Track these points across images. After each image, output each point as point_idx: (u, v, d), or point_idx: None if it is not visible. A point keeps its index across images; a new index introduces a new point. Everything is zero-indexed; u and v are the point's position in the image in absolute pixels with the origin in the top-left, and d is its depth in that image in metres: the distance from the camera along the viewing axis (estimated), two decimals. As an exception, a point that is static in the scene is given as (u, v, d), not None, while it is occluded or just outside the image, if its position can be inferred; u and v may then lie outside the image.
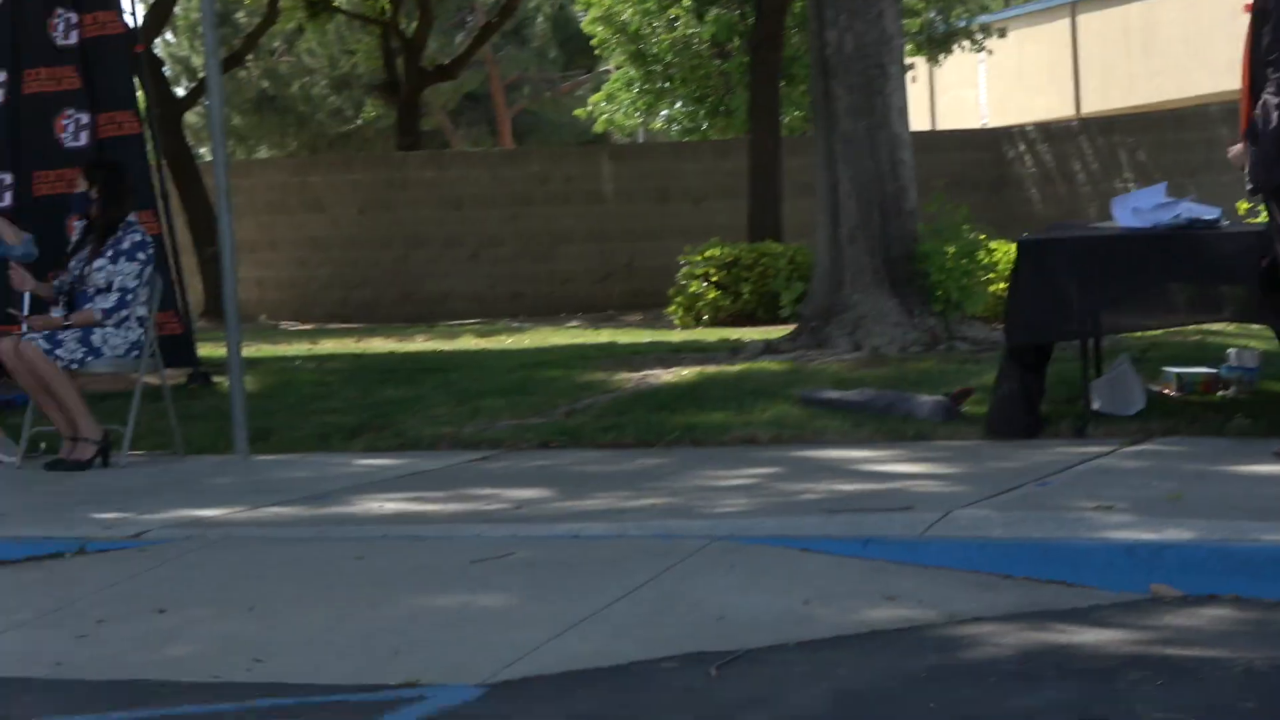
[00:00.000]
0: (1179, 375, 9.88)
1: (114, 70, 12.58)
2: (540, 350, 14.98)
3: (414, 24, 30.90)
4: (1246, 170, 7.95)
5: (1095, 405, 9.29)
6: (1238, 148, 8.12)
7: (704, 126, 37.79)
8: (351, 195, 27.01)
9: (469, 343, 17.53)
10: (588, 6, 38.72)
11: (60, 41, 12.55)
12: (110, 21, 12.57)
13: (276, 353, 16.15)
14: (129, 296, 10.03)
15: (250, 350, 15.99)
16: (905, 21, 35.41)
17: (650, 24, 36.83)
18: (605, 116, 41.89)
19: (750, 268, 20.06)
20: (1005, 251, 14.09)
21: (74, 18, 12.53)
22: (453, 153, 34.68)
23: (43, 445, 10.40)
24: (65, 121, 12.51)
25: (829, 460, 8.85)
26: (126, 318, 10.06)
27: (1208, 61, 31.91)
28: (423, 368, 13.32)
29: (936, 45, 35.83)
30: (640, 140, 43.02)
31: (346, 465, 9.69)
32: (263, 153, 49.19)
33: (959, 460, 8.57)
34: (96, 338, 9.97)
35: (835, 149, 12.41)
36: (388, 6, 31.29)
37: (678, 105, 38.62)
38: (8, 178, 12.44)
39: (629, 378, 11.88)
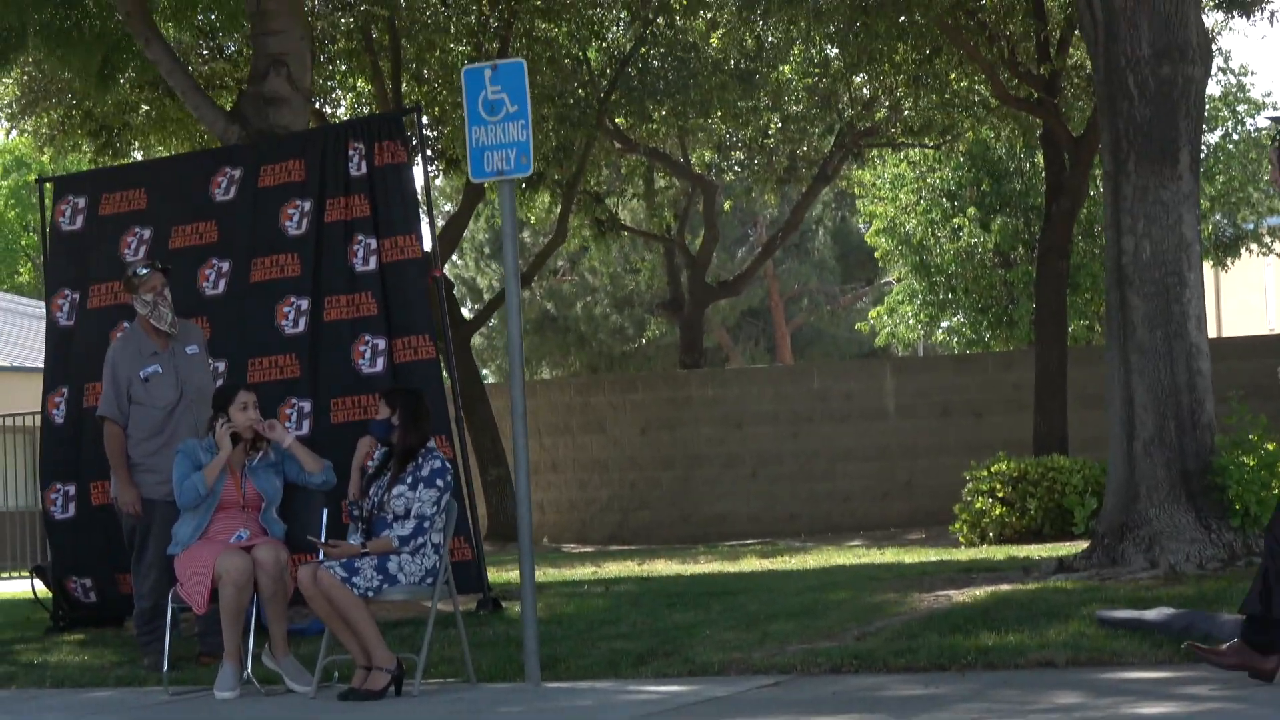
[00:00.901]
0: None
1: (411, 295, 12.89)
2: (826, 571, 14.93)
3: (698, 240, 31.31)
4: None
5: None
6: None
7: (986, 338, 37.70)
8: (633, 415, 27.31)
9: (752, 564, 17.52)
10: (870, 219, 39.02)
11: (359, 268, 12.95)
12: (409, 246, 12.91)
13: (561, 576, 16.29)
14: (426, 524, 10.16)
15: (536, 574, 16.18)
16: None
17: (934, 235, 36.99)
18: (887, 330, 41.98)
19: (1037, 483, 19.85)
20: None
21: (373, 244, 12.92)
22: (734, 370, 34.89)
23: (335, 675, 10.56)
24: (363, 348, 12.86)
25: (1130, 683, 8.67)
26: (423, 545, 10.19)
27: None
28: (709, 591, 13.32)
29: (1224, 249, 35.44)
30: (920, 353, 42.98)
31: (636, 693, 9.67)
32: (544, 373, 50.04)
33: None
34: (393, 565, 10.09)
35: (1130, 359, 12.27)
36: (673, 223, 31.82)
37: (958, 317, 38.61)
38: (307, 405, 12.82)
39: (921, 598, 11.77)
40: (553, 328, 50.51)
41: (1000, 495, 19.93)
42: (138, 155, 26.64)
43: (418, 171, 13.87)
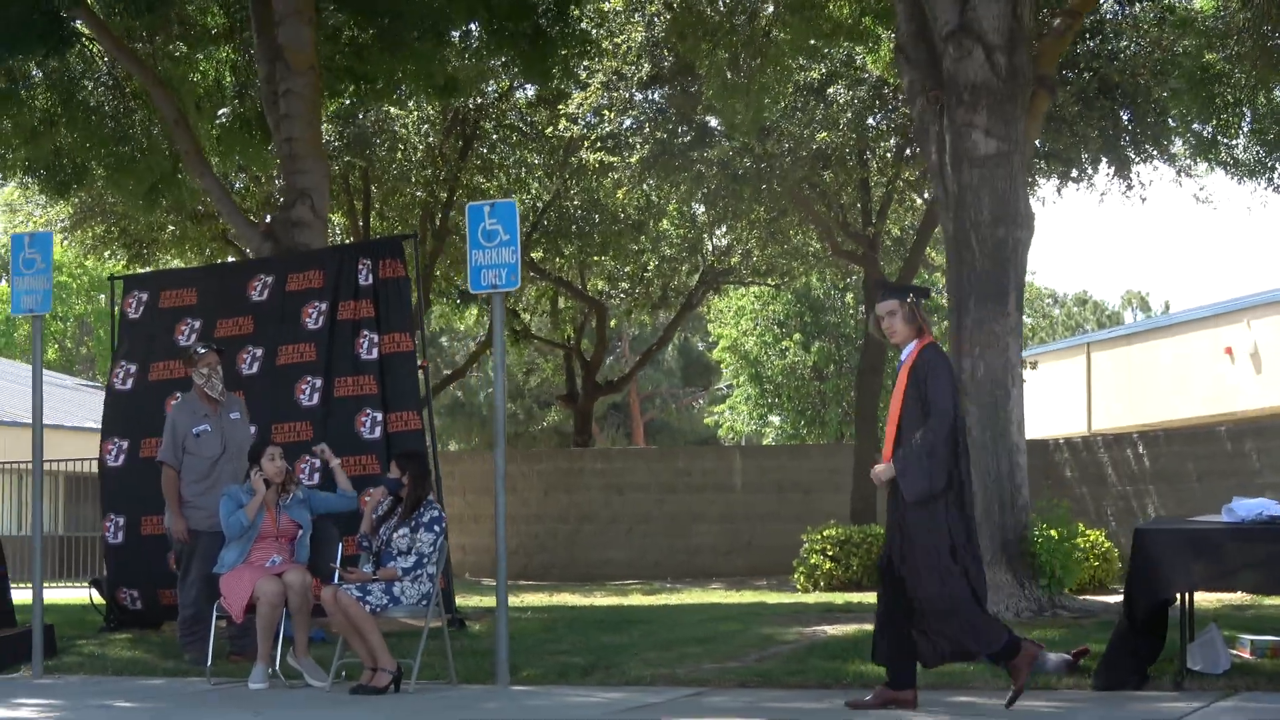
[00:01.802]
0: (1252, 641, 9.61)
1: (403, 379, 12.69)
2: (713, 606, 14.76)
3: (593, 349, 31.26)
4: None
5: (1191, 665, 9.03)
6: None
7: (804, 433, 37.93)
8: (537, 481, 27.05)
9: (640, 599, 17.32)
10: (718, 339, 39.19)
11: (364, 357, 12.74)
12: (403, 341, 12.72)
13: (492, 603, 15.96)
14: (425, 560, 9.98)
15: (472, 601, 15.92)
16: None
17: (766, 353, 37.22)
18: (727, 424, 42.04)
19: (859, 544, 19.87)
20: (1095, 537, 13.81)
21: (375, 338, 12.74)
22: (618, 449, 34.75)
23: (344, 674, 10.29)
24: (364, 419, 12.64)
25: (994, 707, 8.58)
26: (419, 575, 10.01)
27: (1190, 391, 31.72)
28: (626, 619, 13.13)
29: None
30: (746, 443, 43.10)
31: (590, 697, 9.45)
32: (452, 446, 49.65)
33: (1090, 706, 8.31)
34: (397, 589, 9.88)
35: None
36: (572, 335, 31.73)
37: (782, 417, 38.82)
38: (318, 462, 12.49)
39: (801, 631, 11.62)
40: (461, 411, 50.49)
41: (830, 553, 19.91)
42: (164, 263, 26.27)
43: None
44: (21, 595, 13.02)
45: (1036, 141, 16.73)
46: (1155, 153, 22.10)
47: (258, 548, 10.50)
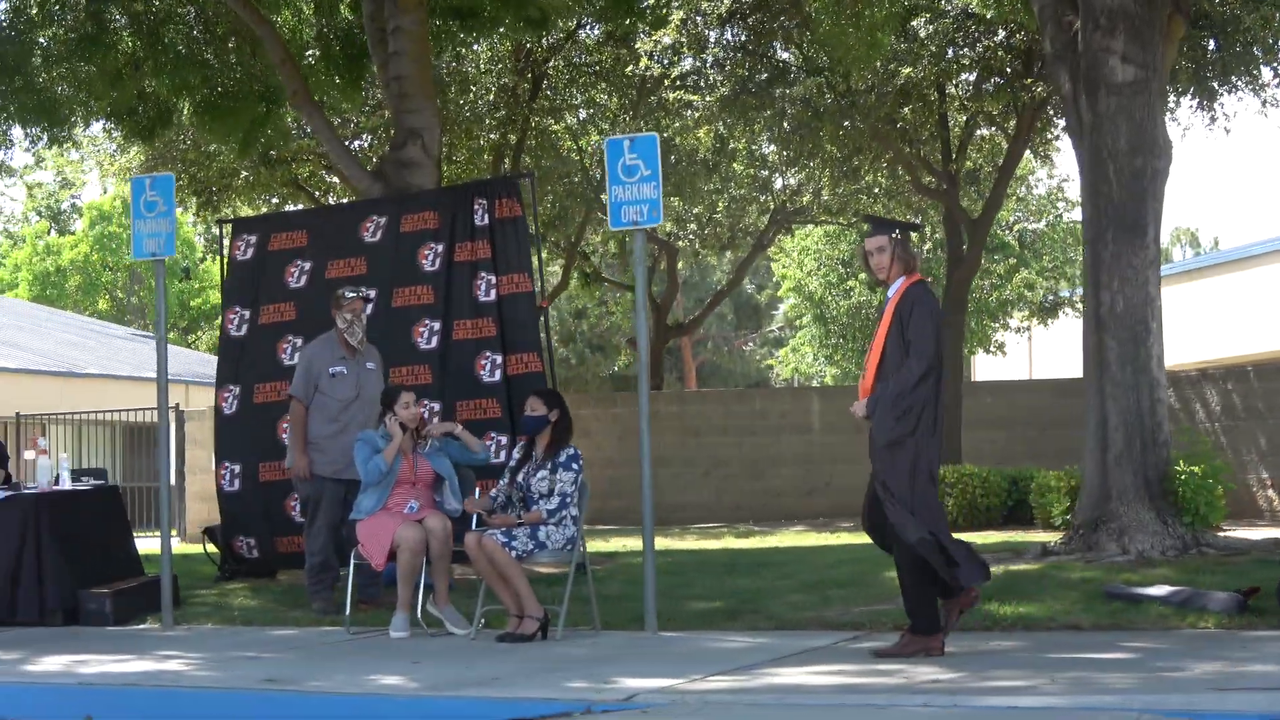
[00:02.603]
0: None
1: (522, 321, 12.40)
2: (831, 548, 14.50)
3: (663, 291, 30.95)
4: None
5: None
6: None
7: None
8: (612, 425, 26.79)
9: (737, 542, 17.07)
10: (782, 280, 38.82)
11: (482, 299, 12.47)
12: (521, 282, 12.42)
13: (596, 548, 15.74)
14: (568, 499, 9.71)
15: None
16: (1029, 293, 35.18)
17: (830, 293, 36.82)
18: (790, 367, 41.71)
19: (952, 485, 19.56)
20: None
21: (493, 279, 12.45)
22: (693, 392, 34.49)
23: (483, 621, 10.05)
24: (483, 362, 12.38)
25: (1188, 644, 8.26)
26: (564, 518, 9.75)
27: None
28: (755, 562, 12.89)
29: (1046, 312, 35.40)
30: (815, 385, 42.77)
31: (742, 642, 9.17)
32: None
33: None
34: (542, 534, 9.63)
35: (1105, 389, 11.90)
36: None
37: (844, 357, 38.44)
38: (437, 406, 12.32)
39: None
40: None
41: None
42: (236, 211, 26.04)
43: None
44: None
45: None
46: (1242, 84, 21.57)
47: (395, 494, 10.25)
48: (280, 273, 13.18)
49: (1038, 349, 42.86)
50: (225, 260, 13.54)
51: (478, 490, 10.83)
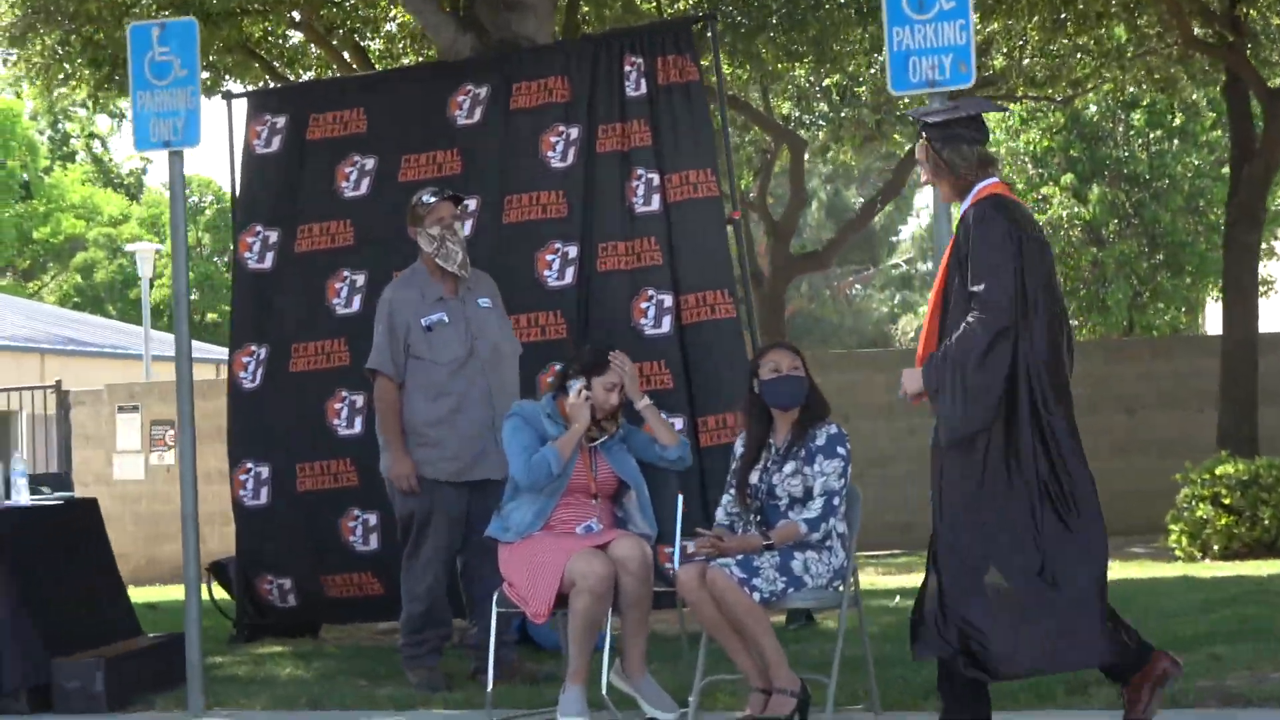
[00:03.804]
0: None
1: (704, 242, 12.11)
2: (1163, 580, 14.32)
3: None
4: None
5: None
6: None
7: (1075, 325, 37.28)
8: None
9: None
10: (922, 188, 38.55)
11: (640, 208, 12.23)
12: (702, 182, 12.11)
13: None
14: (836, 500, 9.31)
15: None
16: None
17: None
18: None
19: (1271, 488, 19.23)
20: None
21: (656, 179, 12.20)
22: (841, 354, 34.22)
23: (694, 699, 9.68)
24: (645, 304, 12.13)
25: None
26: (828, 535, 9.36)
27: None
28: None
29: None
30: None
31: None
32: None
33: None
34: (797, 564, 9.20)
35: None
36: (750, 182, 31.25)
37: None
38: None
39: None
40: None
41: (1226, 502, 19.30)
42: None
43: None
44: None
45: None
46: None
47: (564, 506, 9.86)
48: (327, 173, 13.01)
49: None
50: (239, 155, 13.28)
51: (680, 503, 10.33)
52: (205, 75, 26.50)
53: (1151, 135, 36.54)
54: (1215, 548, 19.20)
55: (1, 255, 54.56)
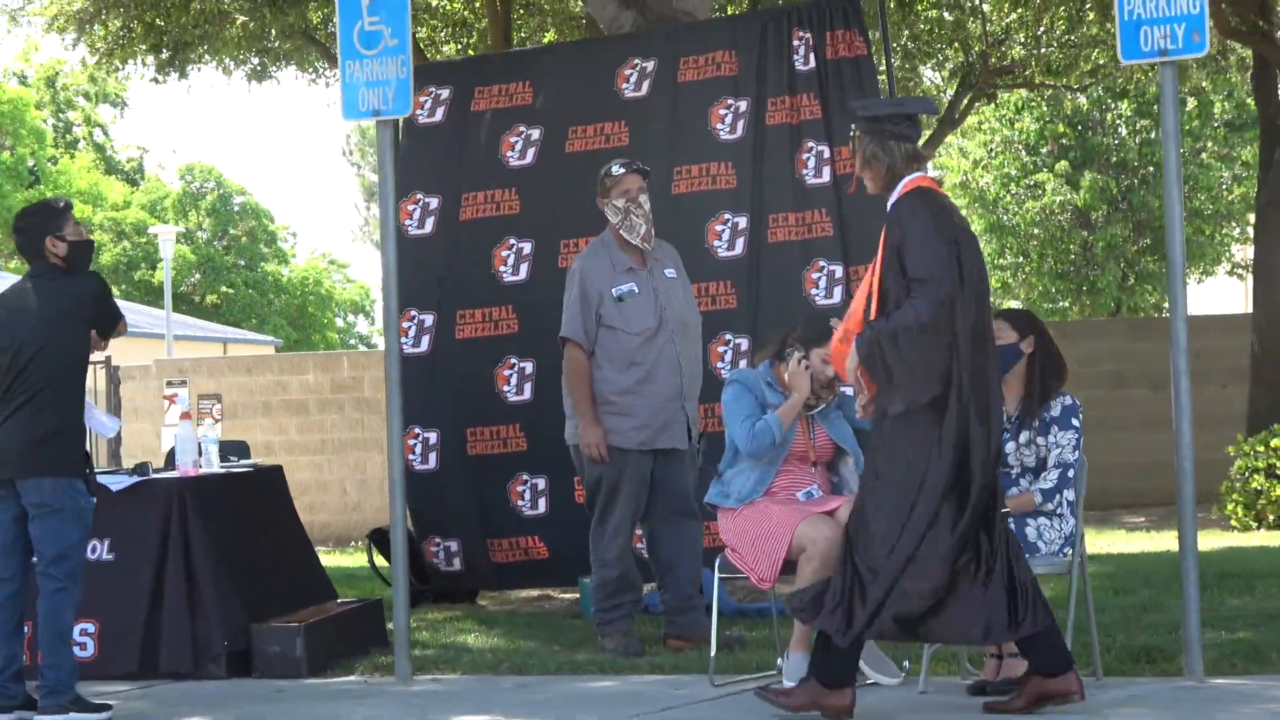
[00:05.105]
0: None
1: (876, 210, 11.68)
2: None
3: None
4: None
5: None
6: None
7: (1064, 305, 37.08)
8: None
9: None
10: (942, 173, 38.24)
11: (811, 180, 12.03)
12: (865, 160, 11.77)
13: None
14: (1070, 472, 9.01)
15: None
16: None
17: (1007, 190, 36.26)
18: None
19: (1296, 475, 19.06)
20: None
21: (826, 151, 12.04)
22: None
23: (905, 662, 9.31)
24: (817, 275, 11.95)
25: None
26: (1060, 504, 8.98)
27: None
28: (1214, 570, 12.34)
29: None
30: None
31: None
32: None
33: None
34: (1031, 530, 8.88)
35: None
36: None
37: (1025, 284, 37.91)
38: (744, 342, 12.03)
39: None
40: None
41: (1281, 473, 19.08)
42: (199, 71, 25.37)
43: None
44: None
45: None
46: None
47: (783, 473, 9.45)
48: (493, 144, 12.75)
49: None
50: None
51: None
52: (255, 61, 26.15)
53: (1139, 124, 36.29)
54: (1271, 518, 18.94)
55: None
